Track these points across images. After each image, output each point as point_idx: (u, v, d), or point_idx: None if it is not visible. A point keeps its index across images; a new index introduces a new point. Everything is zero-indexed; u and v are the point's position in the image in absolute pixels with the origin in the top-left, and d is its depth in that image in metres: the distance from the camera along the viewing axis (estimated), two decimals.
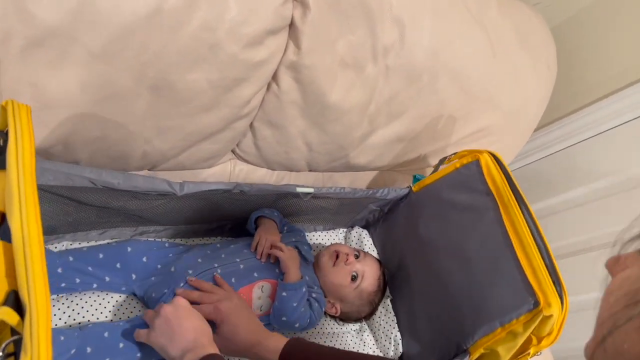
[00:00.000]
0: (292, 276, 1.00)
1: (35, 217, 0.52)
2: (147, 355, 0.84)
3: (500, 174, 1.03)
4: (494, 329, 0.93)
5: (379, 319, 1.21)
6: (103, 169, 0.81)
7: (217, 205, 1.02)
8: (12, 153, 0.54)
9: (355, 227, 1.35)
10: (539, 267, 0.91)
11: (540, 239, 0.94)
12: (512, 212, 0.98)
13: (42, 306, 0.48)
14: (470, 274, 0.99)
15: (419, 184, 1.19)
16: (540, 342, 0.93)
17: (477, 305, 0.96)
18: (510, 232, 0.97)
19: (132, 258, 0.96)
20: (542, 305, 0.89)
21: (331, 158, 1.23)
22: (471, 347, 0.96)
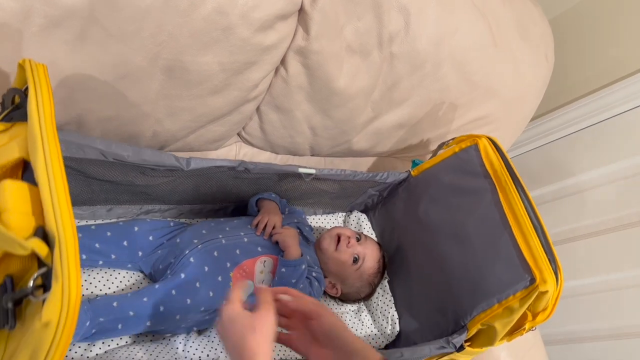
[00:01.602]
0: (292, 253, 1.00)
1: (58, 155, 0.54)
2: (156, 322, 0.86)
3: (498, 157, 1.03)
4: (491, 305, 0.95)
5: (376, 300, 1.22)
6: (113, 141, 0.82)
7: (221, 185, 1.03)
8: (32, 102, 0.56)
9: (354, 211, 1.36)
10: (535, 246, 0.93)
11: (536, 219, 0.95)
12: (509, 194, 0.99)
13: (69, 235, 0.50)
14: (469, 254, 1.01)
15: (418, 168, 1.19)
16: (536, 318, 0.95)
17: (475, 283, 0.98)
18: (508, 212, 0.98)
19: (139, 236, 0.97)
20: (538, 281, 0.90)
21: (334, 143, 1.24)
22: (469, 323, 0.97)
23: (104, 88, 0.83)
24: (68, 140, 0.78)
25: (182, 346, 0.95)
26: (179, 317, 0.88)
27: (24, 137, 0.57)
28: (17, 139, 0.58)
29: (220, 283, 0.94)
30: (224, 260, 0.95)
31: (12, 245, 0.50)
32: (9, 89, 0.61)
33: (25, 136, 0.57)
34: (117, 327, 0.83)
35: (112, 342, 0.90)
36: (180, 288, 0.88)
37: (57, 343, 0.50)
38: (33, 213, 0.53)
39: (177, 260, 0.94)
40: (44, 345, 0.50)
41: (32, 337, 0.50)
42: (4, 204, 0.51)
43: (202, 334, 1.00)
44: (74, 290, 0.49)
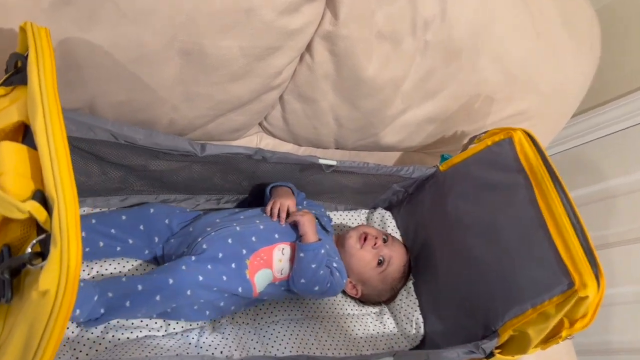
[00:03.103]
0: (309, 237, 0.99)
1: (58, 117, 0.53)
2: (166, 298, 0.85)
3: (535, 152, 1.00)
4: (524, 310, 0.91)
5: (399, 302, 1.19)
6: (125, 124, 0.80)
7: (238, 175, 1.02)
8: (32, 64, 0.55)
9: (378, 208, 1.33)
10: (574, 247, 0.88)
11: (576, 219, 0.91)
12: (546, 191, 0.95)
13: (70, 197, 0.48)
14: (501, 254, 0.97)
15: (447, 163, 1.16)
16: (574, 325, 0.90)
17: (507, 286, 0.95)
18: (544, 210, 0.94)
19: (155, 220, 0.96)
20: (577, 286, 0.85)
21: (360, 136, 1.21)
22: (500, 328, 0.94)
23: (116, 71, 0.80)
24: (78, 120, 0.77)
25: (195, 341, 0.93)
26: (190, 293, 0.86)
27: (24, 100, 0.56)
28: (17, 102, 0.57)
29: (234, 270, 0.92)
30: (238, 247, 0.94)
31: (9, 209, 0.48)
32: (11, 54, 0.60)
33: (26, 99, 0.56)
34: (125, 304, 0.82)
35: (123, 335, 0.89)
36: (191, 266, 0.87)
37: (57, 315, 0.47)
38: (32, 177, 0.51)
39: (190, 249, 0.92)
40: (42, 317, 0.47)
41: (29, 309, 0.48)
42: (1, 165, 0.50)
43: (217, 330, 0.98)
44: (74, 255, 0.47)
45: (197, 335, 0.94)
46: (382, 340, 1.14)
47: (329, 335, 1.08)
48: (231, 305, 0.96)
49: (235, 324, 1.02)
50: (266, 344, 1.00)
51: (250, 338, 0.99)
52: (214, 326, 0.99)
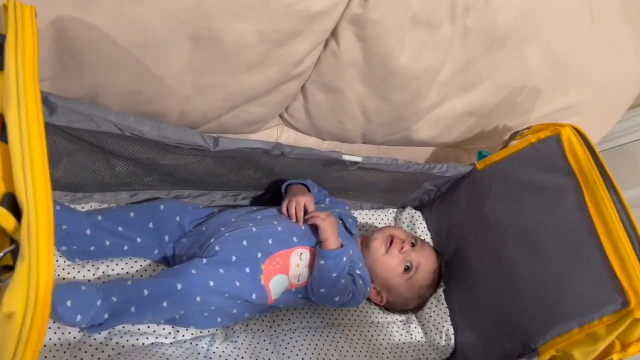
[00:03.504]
0: (330, 243, 0.94)
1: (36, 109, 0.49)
2: (174, 304, 0.81)
3: (586, 151, 0.95)
4: (570, 329, 0.87)
5: (429, 310, 1.15)
6: (131, 115, 0.78)
7: (255, 171, 0.99)
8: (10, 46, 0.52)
9: (407, 207, 1.28)
10: (629, 260, 0.84)
11: (632, 228, 0.87)
12: (598, 196, 0.91)
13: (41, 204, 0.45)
14: (544, 265, 0.94)
15: (485, 161, 1.12)
16: (627, 349, 0.86)
17: (550, 301, 0.91)
18: (595, 217, 0.90)
19: (165, 217, 0.93)
20: (633, 305, 0.82)
21: (390, 130, 1.17)
22: (541, 347, 0.90)
23: (120, 58, 0.76)
24: (77, 109, 0.74)
25: (204, 350, 0.90)
26: (200, 299, 0.82)
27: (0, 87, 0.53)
28: None
29: (248, 275, 0.89)
30: (254, 250, 0.90)
31: None
32: None
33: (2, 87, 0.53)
34: (129, 310, 0.79)
35: (128, 342, 0.85)
36: (201, 269, 0.84)
37: (25, 343, 0.43)
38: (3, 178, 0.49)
39: (201, 250, 0.89)
40: (9, 344, 0.43)
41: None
42: None
43: (229, 338, 0.94)
44: (44, 271, 0.43)
45: (207, 344, 0.91)
46: (409, 351, 1.10)
47: (350, 345, 1.04)
48: (245, 312, 0.93)
49: (250, 331, 0.98)
50: (282, 355, 0.96)
51: (265, 347, 0.96)
52: (226, 333, 0.96)
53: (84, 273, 0.89)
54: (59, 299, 0.73)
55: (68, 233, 0.84)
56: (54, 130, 0.75)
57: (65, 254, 0.87)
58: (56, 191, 0.89)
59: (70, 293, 0.75)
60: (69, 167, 0.84)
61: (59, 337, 0.80)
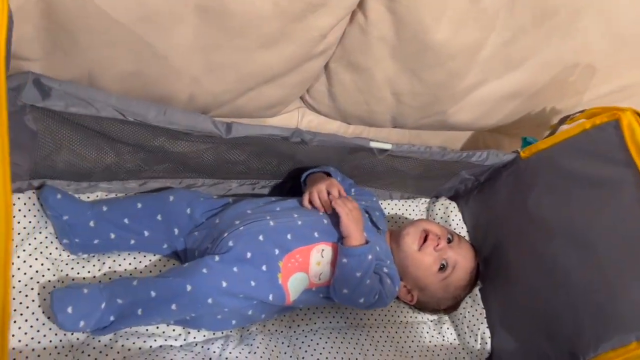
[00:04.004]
0: (354, 239, 0.90)
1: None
2: (183, 307, 0.79)
3: None
4: (626, 343, 0.83)
5: (463, 310, 1.11)
6: (134, 99, 0.75)
7: (274, 159, 0.97)
8: None
9: (442, 197, 1.24)
10: None
11: None
12: None
13: None
14: (597, 268, 0.90)
15: (530, 149, 1.07)
16: None
17: (603, 310, 0.87)
18: None
19: (175, 209, 0.90)
20: None
21: (423, 113, 1.13)
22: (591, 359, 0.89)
23: (117, 34, 0.71)
24: (73, 93, 0.71)
25: (217, 355, 0.87)
26: (212, 301, 0.79)
27: None
28: None
29: (265, 274, 0.85)
30: (271, 246, 0.87)
31: None
32: None
33: None
34: (136, 312, 0.78)
35: (134, 345, 0.82)
36: (213, 268, 0.81)
37: None
38: None
39: (214, 245, 0.86)
40: None
41: None
42: None
43: (244, 340, 0.91)
44: None
45: (220, 348, 0.88)
46: (440, 355, 1.06)
47: (375, 348, 1.00)
48: (261, 314, 0.89)
49: (267, 332, 0.95)
50: (301, 359, 0.92)
51: (283, 351, 0.93)
52: (241, 335, 0.93)
53: (88, 269, 0.85)
54: (58, 306, 0.72)
55: (70, 225, 0.81)
56: (50, 115, 0.71)
57: (67, 247, 0.83)
58: (58, 180, 0.85)
59: (70, 298, 0.73)
60: (71, 155, 0.81)
61: (60, 339, 0.77)
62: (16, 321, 0.73)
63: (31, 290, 0.76)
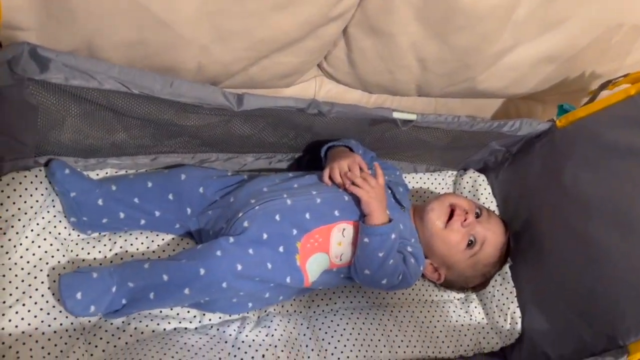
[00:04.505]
0: (376, 217, 0.87)
1: None
2: (197, 291, 0.77)
3: None
4: None
5: (492, 289, 1.09)
6: (138, 70, 0.71)
7: (290, 131, 0.94)
8: None
9: (470, 170, 1.20)
10: None
11: None
12: None
13: None
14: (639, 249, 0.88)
15: (567, 117, 1.03)
16: None
17: None
18: None
19: (187, 188, 0.88)
20: None
21: (450, 81, 1.09)
22: (631, 344, 0.85)
23: None
24: (72, 65, 0.67)
25: (232, 338, 0.86)
26: (227, 285, 0.78)
27: None
28: None
29: (282, 256, 0.83)
30: (288, 226, 0.85)
31: None
32: None
33: None
34: (148, 297, 0.76)
35: (147, 328, 0.81)
36: (228, 251, 0.79)
37: None
38: None
39: (228, 226, 0.84)
40: None
41: None
42: None
43: (261, 322, 0.90)
44: None
45: (236, 330, 0.88)
46: (468, 335, 1.05)
47: (399, 329, 0.99)
48: (279, 296, 0.89)
49: (285, 313, 0.94)
50: (321, 340, 0.92)
51: (302, 333, 0.92)
52: (259, 316, 0.92)
53: (99, 248, 0.84)
54: (67, 292, 0.71)
55: (77, 202, 0.79)
56: (50, 88, 0.68)
57: (75, 225, 0.82)
58: (65, 157, 0.82)
59: (79, 284, 0.71)
60: (76, 130, 0.78)
61: (71, 322, 0.76)
62: (25, 304, 0.71)
63: (40, 272, 0.75)
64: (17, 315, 0.71)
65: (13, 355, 0.68)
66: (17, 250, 0.75)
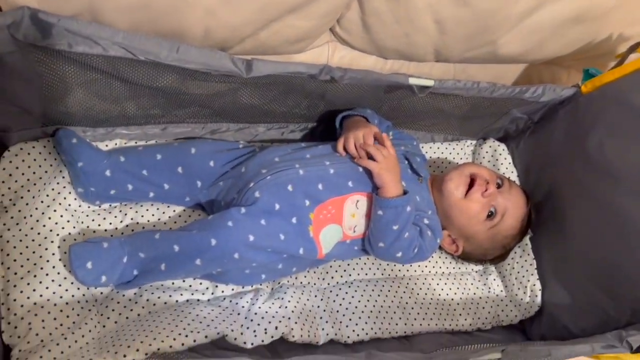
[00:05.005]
0: (389, 189, 0.85)
1: None
2: (208, 261, 0.76)
3: None
4: None
5: (511, 261, 1.07)
6: (142, 35, 0.69)
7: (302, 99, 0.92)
8: None
9: (489, 139, 1.18)
10: None
11: None
12: None
13: None
14: None
15: (593, 82, 0.99)
16: None
17: None
18: None
19: (197, 162, 0.87)
20: None
21: (470, 44, 1.06)
22: None
23: None
24: (75, 30, 0.65)
25: (245, 310, 0.84)
26: (238, 256, 0.77)
27: None
28: None
29: (295, 227, 0.82)
30: (300, 197, 0.84)
31: None
32: None
33: None
34: (159, 267, 0.75)
35: (159, 299, 0.81)
36: (239, 221, 0.77)
37: None
38: None
39: (240, 196, 0.82)
40: None
41: None
42: None
43: (275, 294, 0.89)
44: None
45: (249, 302, 0.87)
46: (486, 307, 1.04)
47: (415, 302, 0.97)
48: (292, 267, 0.88)
49: (299, 285, 0.93)
50: (335, 312, 0.90)
51: (316, 304, 0.91)
52: (272, 288, 0.91)
53: (110, 220, 0.83)
54: (77, 262, 0.70)
55: (84, 172, 0.78)
56: (54, 55, 0.66)
57: (82, 196, 0.80)
58: (73, 126, 0.81)
59: (89, 254, 0.70)
60: (83, 99, 0.77)
61: (83, 293, 0.75)
62: (36, 275, 0.71)
63: (51, 244, 0.74)
64: (29, 286, 0.70)
65: (25, 327, 0.68)
66: (28, 222, 0.74)
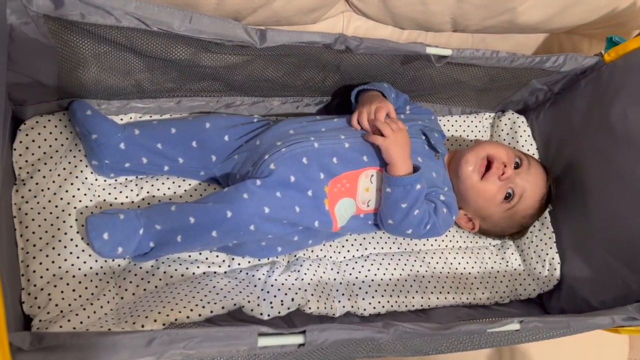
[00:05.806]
0: (398, 165, 0.84)
1: None
2: (224, 233, 0.76)
3: None
4: None
5: (530, 234, 1.06)
6: (155, 5, 0.68)
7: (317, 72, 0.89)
8: None
9: (508, 111, 1.15)
10: None
11: None
12: None
13: None
14: None
15: (617, 51, 0.95)
16: None
17: None
18: None
19: (211, 136, 0.86)
20: None
21: (489, 13, 1.03)
22: None
23: None
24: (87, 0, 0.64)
25: (261, 282, 0.84)
26: (254, 228, 0.76)
27: None
28: None
29: (311, 200, 0.81)
30: (315, 170, 0.82)
31: None
32: None
33: None
34: (175, 239, 0.75)
35: (177, 272, 0.81)
36: (255, 193, 0.77)
37: None
38: None
39: (255, 168, 0.82)
40: None
41: None
42: None
43: (291, 267, 0.88)
44: None
45: (265, 274, 0.85)
46: (504, 281, 1.02)
47: (432, 275, 0.96)
48: (308, 239, 0.86)
49: (315, 258, 0.92)
50: (351, 286, 0.89)
51: (332, 277, 0.90)
52: (289, 260, 0.90)
53: (126, 193, 0.83)
54: (94, 233, 0.69)
55: (99, 144, 0.77)
56: (68, 26, 0.66)
57: (96, 169, 0.80)
58: (88, 99, 0.80)
59: (106, 225, 0.70)
60: (98, 71, 0.76)
61: (101, 266, 0.75)
62: (55, 247, 0.71)
63: (68, 216, 0.74)
64: (48, 258, 0.70)
65: (45, 298, 0.68)
66: (45, 195, 0.74)
